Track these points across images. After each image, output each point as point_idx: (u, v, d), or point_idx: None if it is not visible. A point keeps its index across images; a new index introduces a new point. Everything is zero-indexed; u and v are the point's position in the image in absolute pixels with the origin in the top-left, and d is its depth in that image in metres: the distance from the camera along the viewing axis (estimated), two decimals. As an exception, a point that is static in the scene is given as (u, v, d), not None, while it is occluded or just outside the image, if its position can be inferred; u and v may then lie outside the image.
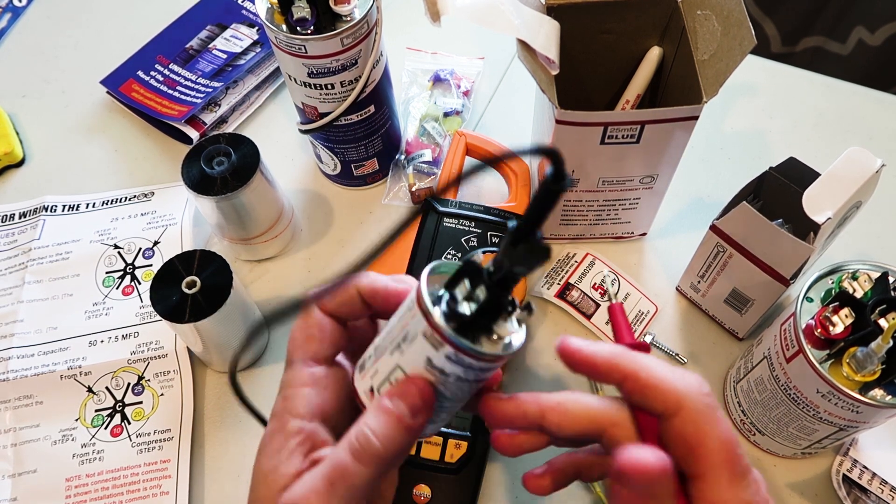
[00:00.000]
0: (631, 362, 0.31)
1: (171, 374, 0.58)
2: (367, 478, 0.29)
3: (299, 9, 0.51)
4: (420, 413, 0.29)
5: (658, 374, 0.30)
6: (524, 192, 0.60)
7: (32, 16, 0.83)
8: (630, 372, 0.31)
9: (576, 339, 0.32)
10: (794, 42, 1.20)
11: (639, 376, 0.30)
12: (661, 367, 0.31)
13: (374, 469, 0.29)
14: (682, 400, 0.30)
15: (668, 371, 0.30)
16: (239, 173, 0.56)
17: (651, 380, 0.30)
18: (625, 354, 0.31)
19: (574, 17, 0.54)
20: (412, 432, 0.29)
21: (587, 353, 0.32)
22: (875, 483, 0.51)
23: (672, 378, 0.30)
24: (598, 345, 0.32)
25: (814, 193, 0.45)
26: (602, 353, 0.31)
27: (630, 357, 0.31)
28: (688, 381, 0.30)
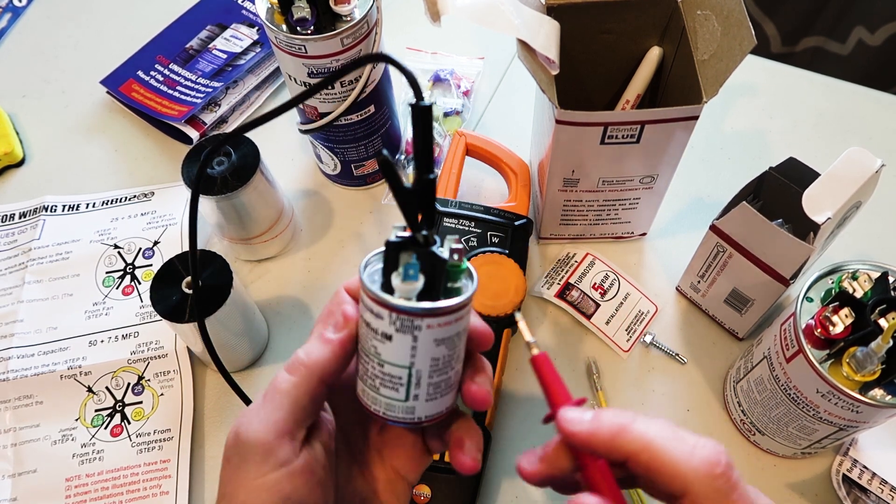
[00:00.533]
0: (632, 442, 0.28)
1: (171, 373, 0.58)
2: (291, 384, 0.31)
3: (299, 9, 0.51)
4: (340, 329, 0.31)
5: (662, 455, 0.28)
6: (524, 192, 0.60)
7: (32, 16, 0.83)
8: (631, 453, 0.29)
9: (571, 414, 0.30)
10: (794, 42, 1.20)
11: (640, 458, 0.28)
12: (666, 443, 0.28)
13: (298, 377, 0.31)
14: (687, 486, 0.28)
15: (674, 448, 0.28)
16: (239, 173, 0.56)
17: (653, 462, 0.28)
18: (624, 432, 0.29)
19: (574, 17, 0.54)
20: (334, 344, 0.31)
21: (584, 433, 0.29)
22: (875, 483, 0.51)
23: (677, 459, 0.28)
24: (595, 421, 0.29)
25: (814, 193, 0.45)
26: (601, 434, 0.29)
27: (631, 435, 0.29)
28: (695, 463, 0.28)
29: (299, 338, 0.61)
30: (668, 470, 0.28)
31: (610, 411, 0.30)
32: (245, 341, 0.57)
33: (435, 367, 0.31)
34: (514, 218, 0.56)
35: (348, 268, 0.64)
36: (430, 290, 0.30)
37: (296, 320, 0.62)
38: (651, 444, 0.28)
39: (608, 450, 0.29)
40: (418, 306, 0.29)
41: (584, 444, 0.29)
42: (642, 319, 0.60)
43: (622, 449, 0.29)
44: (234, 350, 0.57)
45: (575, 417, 0.30)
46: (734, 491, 0.28)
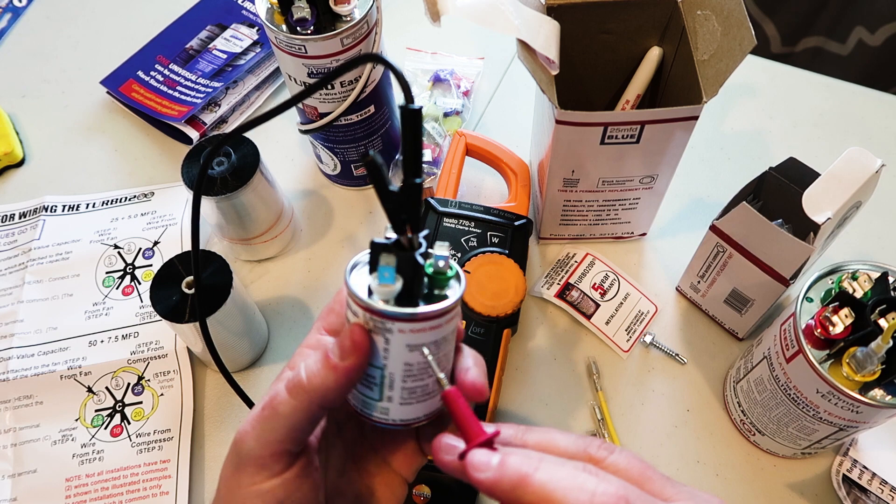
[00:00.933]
0: (534, 493, 0.28)
1: (170, 374, 0.58)
2: (291, 408, 0.30)
3: (299, 9, 0.51)
4: (348, 356, 0.30)
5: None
6: (524, 192, 0.60)
7: (32, 16, 0.83)
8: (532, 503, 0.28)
9: (478, 458, 0.29)
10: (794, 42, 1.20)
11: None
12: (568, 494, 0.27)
13: (298, 402, 0.30)
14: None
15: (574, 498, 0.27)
16: (239, 173, 0.56)
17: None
18: (525, 483, 0.28)
19: (574, 17, 0.54)
20: (338, 372, 0.30)
21: (489, 480, 0.29)
22: (875, 483, 0.51)
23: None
24: (500, 469, 0.29)
25: (814, 193, 0.45)
26: (503, 484, 0.28)
27: (532, 487, 0.28)
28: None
29: (299, 338, 0.61)
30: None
31: (517, 456, 0.29)
32: (245, 341, 0.57)
33: (409, 372, 0.30)
34: (514, 218, 0.56)
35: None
36: (410, 295, 0.30)
37: (296, 320, 0.62)
38: (551, 497, 0.27)
39: (510, 500, 0.28)
40: (387, 309, 0.29)
41: (489, 492, 0.29)
42: (642, 319, 0.60)
43: (522, 500, 0.28)
44: (234, 350, 0.57)
45: (482, 462, 0.29)
46: None
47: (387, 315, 0.29)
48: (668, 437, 0.55)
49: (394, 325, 0.29)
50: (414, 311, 0.29)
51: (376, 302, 0.29)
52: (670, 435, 0.55)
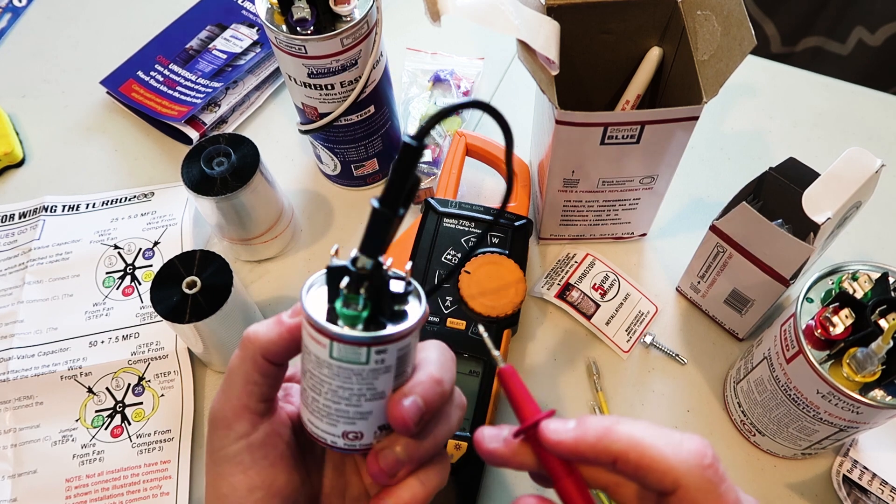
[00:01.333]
0: (619, 442, 0.28)
1: (171, 374, 0.58)
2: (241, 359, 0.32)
3: (299, 9, 0.51)
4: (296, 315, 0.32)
5: (651, 450, 0.28)
6: (524, 192, 0.60)
7: (32, 16, 0.83)
8: (620, 452, 0.29)
9: (554, 425, 0.30)
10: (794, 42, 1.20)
11: (629, 457, 0.28)
12: (654, 440, 0.28)
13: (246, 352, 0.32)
14: (678, 479, 0.28)
15: (662, 444, 0.28)
16: (239, 173, 0.56)
17: (643, 459, 0.28)
18: (610, 433, 0.29)
19: (574, 17, 0.54)
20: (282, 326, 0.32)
21: (570, 441, 0.29)
22: (875, 484, 0.51)
23: (666, 453, 0.28)
24: (580, 427, 0.29)
25: (813, 193, 0.45)
26: (587, 439, 0.29)
27: (617, 435, 0.29)
28: (684, 455, 0.28)
29: (299, 338, 0.61)
30: (659, 465, 0.28)
31: (592, 417, 0.30)
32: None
33: (309, 378, 0.31)
34: (514, 218, 0.56)
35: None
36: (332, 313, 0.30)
37: (296, 320, 0.62)
38: (639, 443, 0.28)
39: (596, 453, 0.29)
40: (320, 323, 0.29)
41: (571, 451, 0.29)
42: (642, 320, 0.60)
43: (609, 450, 0.29)
44: (233, 350, 0.56)
45: (559, 427, 0.30)
46: (723, 482, 0.28)
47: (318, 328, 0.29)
48: (669, 438, 0.55)
49: (307, 324, 0.30)
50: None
51: (313, 311, 0.29)
52: (670, 435, 0.55)
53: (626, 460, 0.28)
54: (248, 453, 0.32)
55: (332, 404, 0.31)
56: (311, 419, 0.32)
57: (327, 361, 0.29)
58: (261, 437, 0.32)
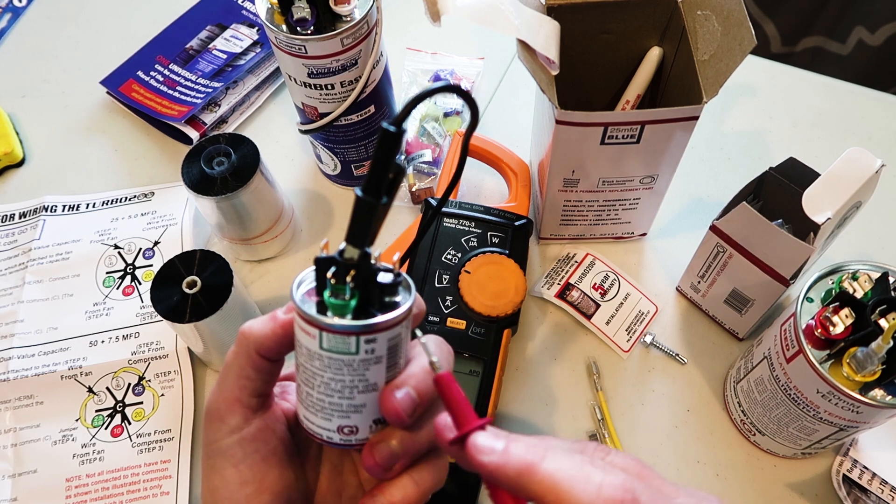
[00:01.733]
0: (539, 483, 0.27)
1: (171, 374, 0.58)
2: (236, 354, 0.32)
3: (299, 9, 0.51)
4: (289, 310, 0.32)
5: (567, 496, 0.27)
6: (524, 192, 0.60)
7: (32, 16, 0.83)
8: (537, 493, 0.28)
9: (481, 441, 0.29)
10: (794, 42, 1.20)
11: (546, 500, 0.27)
12: (572, 485, 0.27)
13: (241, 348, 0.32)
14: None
15: (580, 489, 0.27)
16: (239, 173, 0.56)
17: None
18: (532, 472, 0.28)
19: (574, 17, 0.54)
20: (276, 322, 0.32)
21: (491, 465, 0.28)
22: (875, 483, 0.51)
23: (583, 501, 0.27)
24: (504, 455, 0.28)
25: (814, 193, 0.45)
26: (507, 471, 0.28)
27: (539, 476, 0.28)
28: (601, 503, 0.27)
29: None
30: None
31: (521, 444, 0.29)
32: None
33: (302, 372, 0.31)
34: (514, 218, 0.56)
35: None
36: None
37: (296, 320, 0.62)
38: (557, 486, 0.27)
39: (515, 487, 0.28)
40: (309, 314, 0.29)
41: (491, 476, 0.29)
42: (642, 319, 0.60)
43: (528, 489, 0.28)
44: (234, 350, 0.57)
45: (486, 446, 0.29)
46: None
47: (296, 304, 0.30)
48: (669, 438, 0.55)
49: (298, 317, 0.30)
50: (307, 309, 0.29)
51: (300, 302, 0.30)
52: (670, 435, 0.56)
53: (543, 503, 0.28)
54: (239, 447, 0.32)
55: (325, 398, 0.31)
56: (306, 415, 0.32)
57: (318, 353, 0.30)
58: (253, 431, 0.32)
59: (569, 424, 0.56)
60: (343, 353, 0.29)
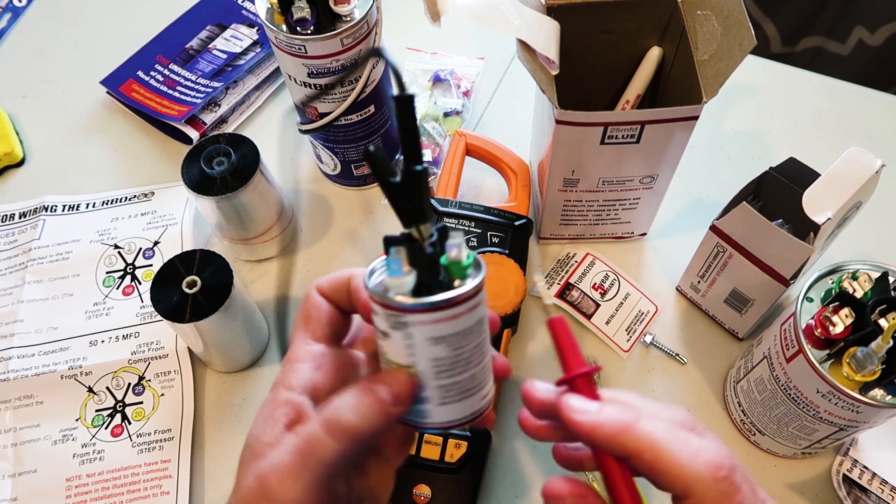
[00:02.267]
0: (636, 441, 0.28)
1: (171, 374, 0.58)
2: (337, 454, 0.29)
3: (299, 9, 0.51)
4: (400, 402, 0.30)
5: (666, 455, 0.28)
6: (524, 192, 0.60)
7: (32, 16, 0.83)
8: (635, 451, 0.28)
9: (575, 402, 0.29)
10: (794, 42, 1.20)
11: (643, 457, 0.28)
12: (671, 445, 0.28)
13: (343, 444, 0.29)
14: (690, 488, 0.28)
15: (678, 450, 0.28)
16: (239, 173, 0.56)
17: (657, 462, 0.28)
18: (629, 430, 0.28)
19: (574, 17, 0.54)
20: (390, 417, 0.30)
21: (587, 425, 0.29)
22: (875, 483, 0.51)
23: (681, 461, 0.27)
24: (600, 413, 0.29)
25: (814, 193, 0.45)
26: (604, 430, 0.28)
27: (636, 433, 0.28)
28: (699, 466, 0.27)
29: (299, 338, 0.61)
30: (672, 472, 0.28)
31: (615, 406, 0.29)
32: (245, 341, 0.57)
33: (439, 367, 0.30)
34: (514, 218, 0.56)
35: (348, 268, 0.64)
36: (426, 287, 0.29)
37: (296, 320, 0.62)
38: (654, 446, 0.28)
39: (611, 446, 0.29)
40: (399, 301, 0.28)
41: (586, 436, 0.29)
42: (642, 319, 0.60)
43: (625, 447, 0.28)
44: (234, 350, 0.57)
45: (579, 407, 0.29)
46: (737, 493, 0.28)
47: (401, 308, 0.28)
48: (669, 437, 0.55)
49: (411, 317, 0.28)
50: (426, 300, 0.28)
51: (387, 294, 0.29)
52: (670, 435, 0.55)
53: (641, 460, 0.28)
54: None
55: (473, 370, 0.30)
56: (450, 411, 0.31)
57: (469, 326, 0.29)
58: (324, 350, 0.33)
59: (569, 424, 0.56)
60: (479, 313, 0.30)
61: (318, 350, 0.33)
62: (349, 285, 0.34)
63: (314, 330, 0.33)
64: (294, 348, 0.33)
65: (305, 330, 0.33)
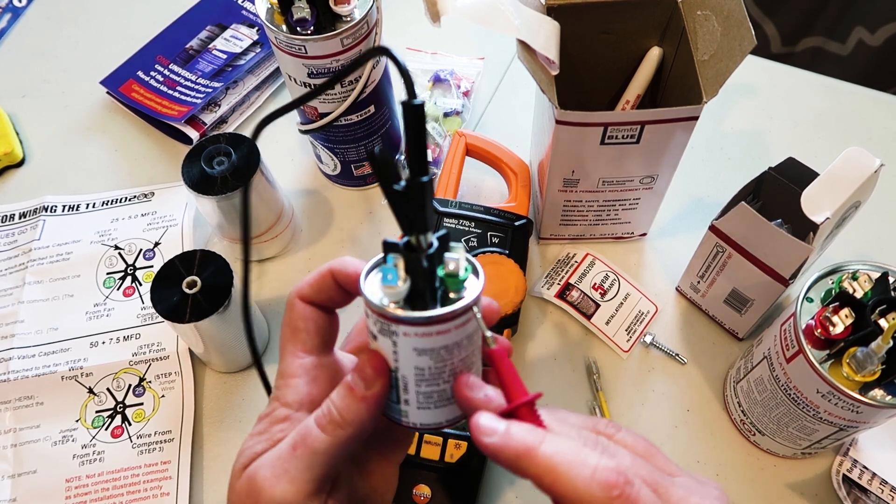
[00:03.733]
0: (537, 466, 0.28)
1: (172, 375, 0.58)
2: (328, 444, 0.30)
3: (299, 9, 0.51)
4: (372, 384, 0.30)
5: (562, 479, 0.27)
6: (524, 192, 0.60)
7: (32, 16, 0.83)
8: (535, 475, 0.28)
9: (484, 421, 0.29)
10: (794, 42, 1.20)
11: (542, 482, 0.28)
12: (569, 468, 0.27)
13: (335, 438, 0.30)
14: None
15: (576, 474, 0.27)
16: (239, 173, 0.56)
17: (555, 487, 0.28)
18: (532, 455, 0.28)
19: (574, 17, 0.54)
20: (368, 402, 0.30)
21: (493, 444, 0.29)
22: (875, 483, 0.51)
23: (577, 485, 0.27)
24: (506, 435, 0.29)
25: (812, 193, 0.45)
26: (507, 453, 0.28)
27: (537, 459, 0.28)
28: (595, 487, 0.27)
29: (299, 338, 0.61)
30: (569, 494, 0.27)
31: (522, 427, 0.29)
32: (244, 341, 0.57)
33: (421, 376, 0.30)
34: (514, 218, 0.56)
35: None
36: (420, 298, 0.29)
37: (296, 320, 0.62)
38: (554, 469, 0.28)
39: (514, 468, 0.28)
40: (388, 310, 0.28)
41: (492, 456, 0.29)
42: (642, 320, 0.60)
43: (526, 470, 0.28)
44: (234, 350, 0.57)
45: (487, 427, 0.29)
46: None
47: (389, 317, 0.28)
48: (668, 437, 0.55)
49: (398, 327, 0.29)
50: (413, 314, 0.28)
51: (377, 301, 0.29)
52: (670, 435, 0.56)
53: (541, 485, 0.28)
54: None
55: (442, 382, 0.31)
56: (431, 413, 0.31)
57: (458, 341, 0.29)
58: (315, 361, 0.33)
59: (569, 424, 0.56)
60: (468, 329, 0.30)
61: (309, 363, 0.33)
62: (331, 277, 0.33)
63: (303, 342, 0.33)
64: (285, 364, 0.33)
65: (294, 343, 0.33)
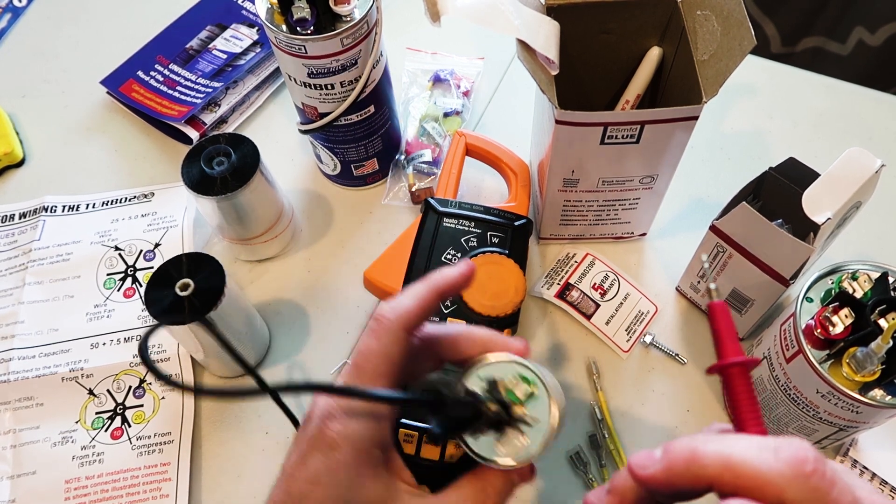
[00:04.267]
0: (709, 465, 0.25)
1: (172, 377, 0.57)
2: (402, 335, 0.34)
3: (299, 9, 0.51)
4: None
5: (743, 468, 0.25)
6: (524, 192, 0.60)
7: (32, 16, 0.83)
8: (713, 476, 0.25)
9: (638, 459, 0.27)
10: (794, 42, 1.20)
11: (724, 479, 0.25)
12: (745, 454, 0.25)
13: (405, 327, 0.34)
14: (781, 494, 0.24)
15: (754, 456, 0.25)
16: (239, 173, 0.56)
17: (739, 479, 0.25)
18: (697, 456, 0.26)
19: (574, 17, 0.54)
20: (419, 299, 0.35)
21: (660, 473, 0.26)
22: (875, 483, 0.51)
23: (762, 469, 0.25)
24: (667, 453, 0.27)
25: (813, 194, 0.45)
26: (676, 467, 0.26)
27: (706, 457, 0.26)
28: (781, 467, 0.24)
29: (300, 339, 0.61)
30: (757, 483, 0.25)
31: (676, 441, 0.27)
32: (246, 344, 0.57)
33: None
34: (514, 218, 0.56)
35: (348, 268, 0.64)
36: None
37: (295, 320, 0.62)
38: (729, 461, 0.25)
39: (689, 482, 0.26)
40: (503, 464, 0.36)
41: (664, 485, 0.27)
42: (642, 319, 0.60)
43: (701, 475, 0.26)
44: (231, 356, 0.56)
45: (642, 461, 0.27)
46: (833, 486, 0.24)
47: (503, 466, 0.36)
48: (669, 438, 0.55)
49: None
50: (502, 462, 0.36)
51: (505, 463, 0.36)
52: (670, 435, 0.55)
53: (722, 483, 0.25)
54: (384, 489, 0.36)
55: None
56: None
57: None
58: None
59: (569, 424, 0.56)
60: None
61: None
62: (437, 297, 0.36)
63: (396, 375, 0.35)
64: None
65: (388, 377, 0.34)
